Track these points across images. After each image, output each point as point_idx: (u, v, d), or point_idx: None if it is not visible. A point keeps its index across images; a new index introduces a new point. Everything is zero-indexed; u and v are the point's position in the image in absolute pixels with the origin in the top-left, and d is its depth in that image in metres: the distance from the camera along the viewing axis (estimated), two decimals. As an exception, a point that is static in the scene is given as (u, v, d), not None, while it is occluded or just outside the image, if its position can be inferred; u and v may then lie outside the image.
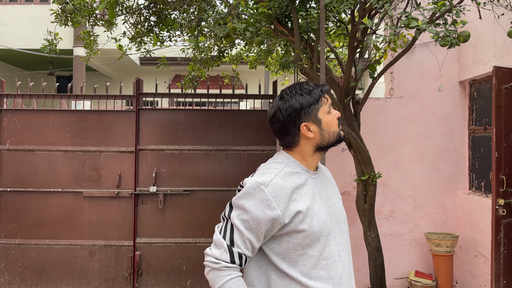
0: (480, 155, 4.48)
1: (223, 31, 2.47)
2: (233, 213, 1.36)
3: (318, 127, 1.40)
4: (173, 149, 4.55)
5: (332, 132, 1.43)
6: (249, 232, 1.33)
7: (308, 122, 1.40)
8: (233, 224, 1.35)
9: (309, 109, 1.39)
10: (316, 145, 1.43)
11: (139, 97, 4.58)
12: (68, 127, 4.51)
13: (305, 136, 1.41)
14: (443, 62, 4.63)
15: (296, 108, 1.38)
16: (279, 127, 1.43)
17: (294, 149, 1.45)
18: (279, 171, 1.38)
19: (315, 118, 1.40)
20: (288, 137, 1.43)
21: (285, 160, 1.44)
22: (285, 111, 1.40)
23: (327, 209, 1.43)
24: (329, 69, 3.96)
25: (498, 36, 3.96)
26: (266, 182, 1.34)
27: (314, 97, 1.40)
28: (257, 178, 1.36)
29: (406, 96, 4.76)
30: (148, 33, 4.44)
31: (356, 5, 3.18)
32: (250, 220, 1.32)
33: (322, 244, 1.37)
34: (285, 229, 1.34)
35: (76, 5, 3.89)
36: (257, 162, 4.56)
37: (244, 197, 1.34)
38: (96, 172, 4.51)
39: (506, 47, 3.87)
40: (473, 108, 4.64)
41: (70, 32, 9.94)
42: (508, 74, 3.47)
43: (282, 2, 3.41)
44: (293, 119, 1.39)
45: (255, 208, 1.32)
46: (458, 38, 2.50)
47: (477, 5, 3.19)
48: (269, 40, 4.50)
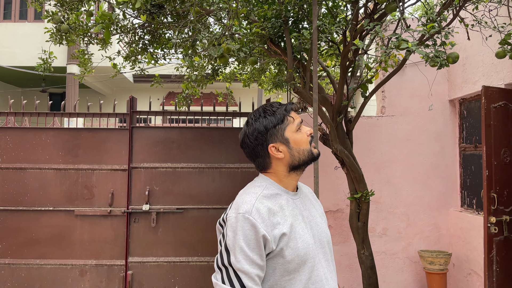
0: (471, 172, 4.52)
1: (217, 52, 2.50)
2: (233, 259, 1.27)
3: (286, 146, 1.39)
4: (167, 167, 4.54)
5: (302, 150, 1.40)
6: (254, 267, 1.27)
7: (276, 143, 1.38)
8: (237, 269, 1.26)
9: (274, 129, 1.38)
10: (289, 165, 1.41)
11: (132, 115, 4.59)
12: (61, 145, 4.50)
13: (275, 157, 1.39)
14: (433, 81, 4.71)
15: (261, 131, 1.38)
16: (249, 152, 1.43)
17: (269, 171, 1.43)
18: (258, 195, 1.34)
19: (282, 138, 1.38)
20: (259, 160, 1.42)
21: (263, 182, 1.41)
22: (251, 135, 1.39)
23: (311, 230, 1.40)
24: (322, 88, 4.01)
25: (487, 56, 4.05)
26: (249, 210, 1.29)
27: (278, 117, 1.38)
28: (239, 209, 1.31)
29: (398, 114, 4.82)
30: (143, 52, 4.48)
31: (347, 26, 3.24)
32: (251, 254, 1.26)
33: (309, 268, 1.34)
34: (271, 254, 1.30)
35: (71, 24, 3.93)
36: (250, 179, 4.54)
37: (235, 234, 1.28)
38: (88, 191, 4.48)
39: (495, 67, 3.96)
40: (463, 126, 4.71)
41: (64, 49, 9.98)
42: (497, 93, 3.54)
43: (275, 23, 3.47)
44: (260, 142, 1.38)
45: (249, 238, 1.27)
46: (447, 59, 2.56)
47: (465, 26, 3.27)
48: (263, 59, 4.56)
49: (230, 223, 1.30)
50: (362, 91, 3.71)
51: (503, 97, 3.56)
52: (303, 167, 1.44)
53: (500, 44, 3.29)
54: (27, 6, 3.25)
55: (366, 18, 3.05)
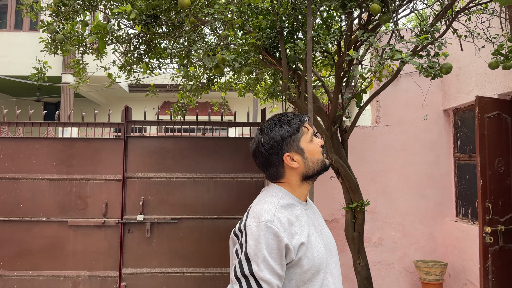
0: (466, 182, 4.53)
1: (212, 62, 2.51)
2: (255, 268, 1.23)
3: (301, 156, 1.40)
4: (161, 177, 4.52)
5: (316, 160, 1.42)
6: (275, 277, 1.25)
7: (291, 152, 1.39)
8: (260, 278, 1.23)
9: (290, 139, 1.38)
10: (302, 175, 1.42)
11: (127, 124, 4.57)
12: (55, 155, 4.46)
13: (289, 166, 1.40)
14: (427, 91, 4.74)
15: (277, 140, 1.38)
16: (263, 161, 1.42)
17: (282, 180, 1.43)
18: (277, 205, 1.33)
19: (297, 148, 1.39)
20: (273, 170, 1.41)
21: (278, 192, 1.40)
22: (266, 144, 1.39)
23: (322, 240, 1.40)
24: (317, 98, 4.02)
25: (480, 67, 4.09)
26: (271, 219, 1.27)
27: (294, 127, 1.39)
28: (260, 218, 1.29)
29: (393, 124, 4.84)
30: (138, 62, 4.48)
31: (342, 37, 3.26)
32: (273, 263, 1.24)
33: (322, 277, 1.33)
34: (290, 264, 1.29)
35: (66, 34, 3.93)
36: (246, 189, 4.54)
37: (257, 243, 1.25)
38: (82, 201, 4.44)
39: (488, 77, 3.99)
40: (457, 136, 4.73)
41: (59, 59, 9.97)
42: (490, 103, 3.57)
43: (270, 33, 3.49)
44: (276, 151, 1.38)
45: (272, 248, 1.25)
46: (441, 70, 2.58)
47: (458, 37, 3.30)
48: (258, 69, 4.57)
49: (251, 231, 1.27)
50: (357, 101, 3.72)
51: (497, 107, 3.58)
52: (315, 177, 1.45)
53: (493, 54, 3.32)
54: (23, 16, 3.25)
55: (360, 29, 3.08)
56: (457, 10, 3.05)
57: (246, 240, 1.27)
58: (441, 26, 3.31)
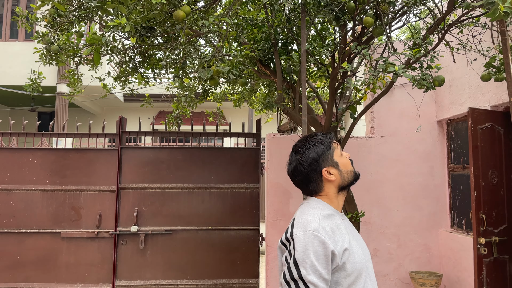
0: (460, 193, 4.55)
1: (207, 74, 2.52)
2: (304, 272, 1.35)
3: (336, 169, 1.55)
4: (156, 187, 4.50)
5: (349, 171, 1.57)
6: (322, 281, 1.35)
7: (328, 167, 1.53)
8: (308, 282, 1.34)
9: (325, 155, 1.54)
10: (338, 186, 1.56)
11: (122, 135, 4.56)
12: (48, 165, 4.44)
13: (327, 180, 1.54)
14: (421, 102, 4.77)
15: (315, 158, 1.53)
16: (302, 178, 1.56)
17: (321, 194, 1.56)
18: (319, 216, 1.45)
19: (333, 162, 1.54)
20: (312, 185, 1.55)
21: (318, 204, 1.52)
22: (305, 163, 1.53)
23: (360, 247, 1.51)
24: (311, 109, 4.04)
25: (472, 78, 4.13)
26: (316, 228, 1.39)
27: (327, 144, 1.55)
28: (307, 227, 1.40)
29: (387, 135, 4.86)
30: (133, 73, 4.48)
31: (336, 49, 3.29)
32: (320, 268, 1.35)
33: (363, 281, 1.44)
34: (336, 269, 1.39)
35: (61, 45, 3.93)
36: (241, 200, 4.53)
37: (305, 249, 1.37)
38: (75, 212, 4.40)
39: (480, 89, 4.03)
40: (451, 147, 4.76)
41: (54, 68, 9.96)
42: (483, 115, 3.60)
43: (265, 45, 3.51)
44: (314, 168, 1.53)
45: (319, 254, 1.36)
46: (434, 83, 2.60)
47: (451, 50, 3.34)
48: (253, 80, 4.59)
49: (298, 239, 1.39)
50: (351, 112, 3.74)
51: (489, 119, 3.61)
52: (348, 187, 1.59)
53: (485, 66, 3.36)
54: (18, 27, 3.26)
55: (354, 41, 3.10)
56: (449, 23, 3.08)
57: (294, 247, 1.39)
58: (434, 39, 3.35)
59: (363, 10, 2.96)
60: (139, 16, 2.26)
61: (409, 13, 3.13)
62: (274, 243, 4.75)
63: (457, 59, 3.95)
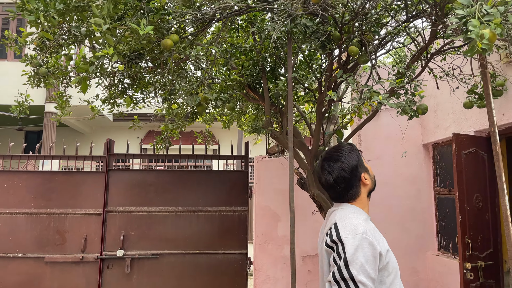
0: (447, 216, 4.58)
1: (194, 101, 2.54)
2: (354, 272, 1.43)
3: (368, 174, 1.70)
4: (143, 210, 4.46)
5: (373, 176, 1.73)
6: (369, 280, 1.44)
7: (364, 173, 1.67)
8: (358, 281, 1.43)
9: (360, 161, 1.69)
10: (369, 190, 1.70)
11: (109, 157, 4.54)
12: (34, 188, 4.38)
13: (364, 184, 1.67)
14: (406, 127, 4.84)
15: (355, 164, 1.66)
16: (345, 186, 1.65)
17: (356, 199, 1.66)
18: (360, 220, 1.54)
19: (365, 168, 1.69)
20: (353, 190, 1.66)
21: (355, 209, 1.63)
22: (348, 170, 1.65)
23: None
24: (299, 132, 4.07)
25: (456, 104, 4.22)
26: (364, 231, 1.49)
27: (357, 152, 1.71)
28: (356, 230, 1.49)
29: (374, 158, 4.91)
30: (122, 95, 4.49)
31: (322, 75, 3.35)
32: (368, 268, 1.44)
33: (399, 280, 1.55)
34: (380, 267, 1.49)
35: (50, 67, 3.93)
36: (229, 223, 4.50)
37: (355, 251, 1.45)
38: (60, 236, 4.33)
39: (464, 114, 4.11)
40: (437, 170, 4.81)
41: (43, 88, 9.92)
42: (467, 140, 3.66)
43: (253, 71, 3.56)
44: (355, 174, 1.66)
45: (368, 255, 1.45)
46: (417, 111, 2.66)
47: (434, 77, 3.42)
48: (241, 103, 4.62)
49: (348, 242, 1.47)
50: (338, 137, 3.78)
51: (473, 144, 3.68)
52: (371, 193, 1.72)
53: (467, 93, 3.44)
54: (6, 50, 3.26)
55: (340, 68, 3.16)
56: (432, 51, 3.17)
57: (344, 249, 1.47)
58: (418, 66, 3.43)
59: (349, 38, 3.02)
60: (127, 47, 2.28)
61: (392, 42, 3.21)
62: (263, 266, 4.71)
63: (441, 85, 4.04)
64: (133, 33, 1.97)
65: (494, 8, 1.85)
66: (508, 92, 3.49)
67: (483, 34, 1.64)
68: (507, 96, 3.51)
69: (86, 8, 2.02)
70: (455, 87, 3.59)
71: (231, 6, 2.75)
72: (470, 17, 1.80)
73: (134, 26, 1.95)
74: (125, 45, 2.28)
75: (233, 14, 2.94)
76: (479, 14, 1.79)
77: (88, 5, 1.98)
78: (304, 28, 2.74)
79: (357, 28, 2.95)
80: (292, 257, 2.58)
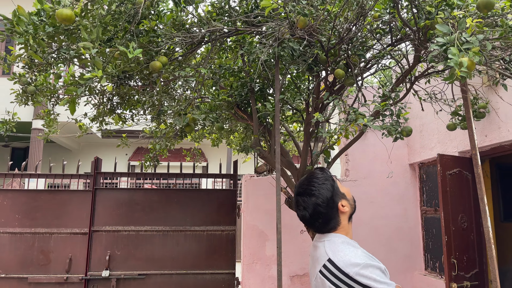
0: (433, 235, 4.62)
1: (182, 122, 2.55)
2: (383, 285, 1.41)
3: (345, 200, 1.62)
4: (129, 230, 4.41)
5: (351, 199, 1.65)
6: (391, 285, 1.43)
7: (340, 200, 1.60)
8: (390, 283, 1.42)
9: (335, 190, 1.61)
10: (349, 215, 1.63)
11: (96, 176, 4.51)
12: (18, 207, 4.32)
13: (342, 212, 1.60)
14: (392, 147, 4.91)
15: (330, 197, 1.59)
16: (323, 219, 1.59)
17: (338, 228, 1.60)
18: (354, 249, 1.51)
19: (341, 194, 1.62)
20: (333, 222, 1.59)
21: (342, 239, 1.57)
22: (324, 203, 1.58)
23: None
24: (287, 152, 4.10)
25: (441, 125, 4.30)
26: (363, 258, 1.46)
27: (331, 179, 1.63)
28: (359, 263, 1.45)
29: (361, 177, 4.95)
30: (111, 113, 4.49)
31: (309, 97, 3.40)
32: (387, 280, 1.44)
33: None
34: None
35: (38, 86, 3.93)
36: (216, 243, 4.47)
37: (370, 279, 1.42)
38: (44, 256, 4.26)
39: (448, 135, 4.19)
40: (423, 190, 4.87)
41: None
42: (451, 161, 3.73)
43: (242, 91, 3.60)
44: (331, 206, 1.58)
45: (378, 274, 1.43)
46: (402, 133, 2.71)
47: (419, 99, 3.50)
48: (230, 122, 4.65)
49: (361, 276, 1.42)
50: (325, 157, 3.82)
51: (457, 165, 3.74)
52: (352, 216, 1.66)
53: (451, 115, 3.52)
54: (-6, 69, 3.26)
55: (327, 90, 3.22)
56: (417, 73, 3.25)
57: (363, 285, 1.42)
58: (402, 89, 3.50)
59: (335, 61, 3.09)
60: (116, 69, 2.31)
61: (378, 65, 3.28)
62: (250, 287, 4.67)
63: (426, 106, 4.12)
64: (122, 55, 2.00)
65: (473, 37, 1.92)
66: (491, 114, 3.58)
67: (461, 62, 1.69)
68: (490, 118, 3.59)
69: (75, 31, 2.05)
70: (439, 110, 3.67)
71: (220, 29, 2.80)
72: (450, 44, 1.86)
73: (123, 49, 1.97)
74: (114, 67, 2.30)
75: (222, 36, 2.99)
76: (459, 42, 1.85)
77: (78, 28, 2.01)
78: (291, 51, 2.79)
79: (343, 51, 3.02)
80: (278, 279, 2.57)
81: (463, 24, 1.98)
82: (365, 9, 2.73)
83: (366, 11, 2.74)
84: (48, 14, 2.12)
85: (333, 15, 2.70)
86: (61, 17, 1.97)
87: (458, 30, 1.95)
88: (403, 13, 2.97)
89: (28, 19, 2.21)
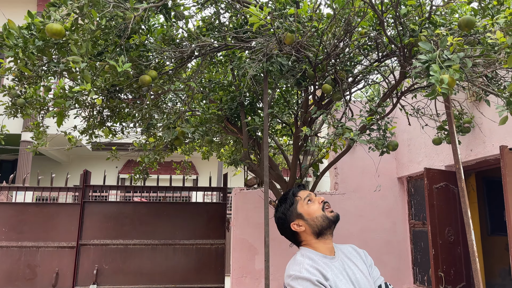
0: (421, 249, 4.65)
1: (171, 135, 2.57)
2: None
3: (303, 220, 1.64)
4: (118, 243, 4.38)
5: (315, 218, 1.64)
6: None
7: (294, 221, 1.65)
8: None
9: (289, 211, 1.67)
10: (313, 233, 1.64)
11: (85, 189, 4.48)
12: (5, 221, 4.27)
13: (298, 231, 1.64)
14: (379, 161, 4.96)
15: (281, 217, 1.69)
16: (287, 235, 1.69)
17: (303, 243, 1.66)
18: (304, 264, 1.53)
19: (297, 215, 1.65)
20: (293, 238, 1.67)
21: (303, 252, 1.61)
22: (279, 223, 1.70)
23: (353, 286, 1.56)
24: (276, 165, 4.13)
25: (428, 139, 4.37)
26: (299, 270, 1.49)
27: (289, 201, 1.68)
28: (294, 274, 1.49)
29: (350, 190, 4.98)
30: (100, 126, 4.49)
31: (298, 111, 3.44)
32: None
33: None
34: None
35: (27, 98, 3.92)
36: (205, 256, 4.46)
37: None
38: (30, 270, 4.20)
39: (435, 149, 4.26)
40: (411, 203, 4.91)
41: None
42: (438, 175, 3.78)
43: (232, 104, 3.63)
44: (285, 225, 1.67)
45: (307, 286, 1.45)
46: (388, 147, 2.76)
47: (405, 114, 3.56)
48: (220, 135, 4.68)
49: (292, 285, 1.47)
50: (314, 170, 3.85)
51: (444, 178, 3.80)
52: (327, 231, 1.66)
53: (437, 129, 3.58)
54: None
55: (315, 105, 3.27)
56: (403, 89, 3.31)
57: None
58: (389, 103, 3.57)
59: (323, 76, 3.14)
60: (105, 83, 2.33)
61: (366, 80, 3.35)
62: (239, 301, 4.64)
63: (413, 120, 4.19)
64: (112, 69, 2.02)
65: (454, 54, 1.98)
66: (476, 129, 3.65)
67: (443, 79, 1.74)
68: (475, 133, 3.67)
69: (65, 45, 2.07)
70: (425, 124, 3.73)
71: (209, 44, 2.85)
72: (432, 62, 1.92)
73: (113, 63, 2.00)
74: (104, 81, 2.32)
75: (212, 51, 3.03)
76: (440, 59, 1.91)
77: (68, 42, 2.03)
78: (280, 66, 2.84)
79: (330, 66, 3.07)
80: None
81: (445, 42, 2.05)
82: (352, 26, 2.80)
83: (352, 28, 2.81)
84: (38, 28, 2.15)
85: (320, 32, 2.76)
86: (51, 31, 1.99)
87: (440, 48, 2.01)
88: (389, 30, 3.04)
89: (18, 33, 2.22)
